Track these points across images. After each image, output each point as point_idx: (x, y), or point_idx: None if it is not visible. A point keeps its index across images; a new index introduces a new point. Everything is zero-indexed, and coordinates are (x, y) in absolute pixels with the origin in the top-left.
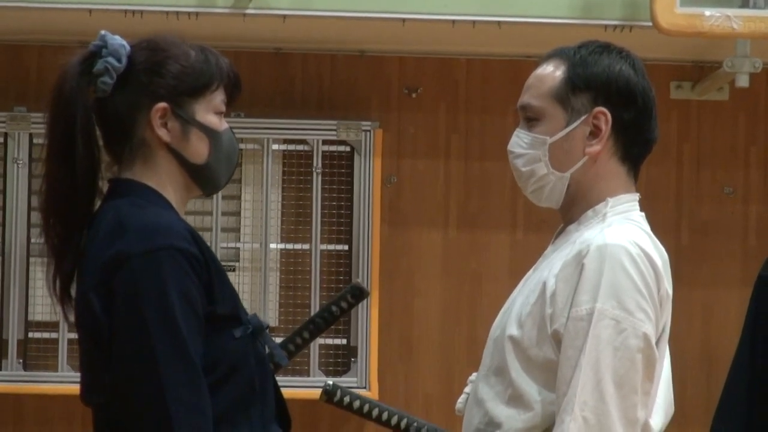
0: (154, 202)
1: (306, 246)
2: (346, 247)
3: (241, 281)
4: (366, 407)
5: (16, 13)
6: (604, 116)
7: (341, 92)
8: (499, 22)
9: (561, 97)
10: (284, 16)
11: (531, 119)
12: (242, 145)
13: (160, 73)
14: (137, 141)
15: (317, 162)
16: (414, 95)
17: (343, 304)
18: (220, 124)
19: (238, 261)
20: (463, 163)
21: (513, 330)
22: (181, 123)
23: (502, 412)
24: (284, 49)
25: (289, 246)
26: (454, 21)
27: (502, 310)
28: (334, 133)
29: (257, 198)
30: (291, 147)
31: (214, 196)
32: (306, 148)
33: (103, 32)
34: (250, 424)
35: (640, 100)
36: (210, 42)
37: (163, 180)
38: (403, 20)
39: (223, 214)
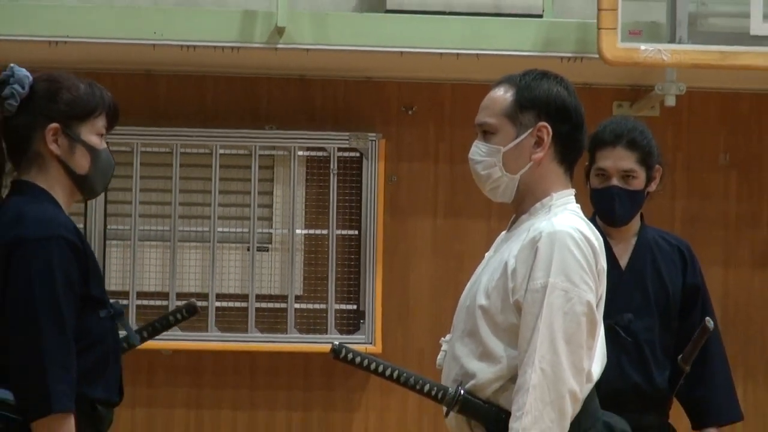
0: (47, 200)
1: (325, 231)
2: (356, 233)
3: (272, 260)
4: (366, 362)
5: (94, 47)
6: (546, 129)
7: (352, 110)
8: (477, 55)
9: (511, 115)
10: (307, 50)
11: (487, 133)
12: (273, 152)
13: (55, 100)
14: (33, 152)
15: (333, 165)
16: (410, 112)
17: (179, 316)
18: (101, 143)
19: (271, 243)
20: (448, 166)
21: (482, 300)
22: (69, 140)
23: (475, 366)
24: (307, 76)
25: (312, 231)
26: (441, 53)
27: (469, 284)
28: (347, 142)
29: (286, 193)
30: (313, 153)
31: (252, 192)
32: (324, 154)
33: (12, 65)
34: (104, 383)
35: (574, 116)
36: (247, 70)
37: (53, 184)
38: (401, 53)
39: (259, 206)
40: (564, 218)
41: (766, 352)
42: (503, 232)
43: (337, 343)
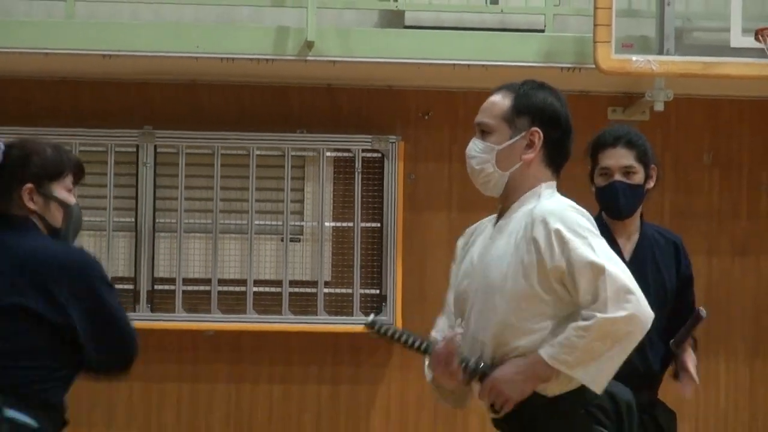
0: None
1: (350, 224)
2: (378, 225)
3: (304, 249)
4: (396, 334)
5: (143, 60)
6: (538, 134)
7: (374, 115)
8: (486, 66)
9: (508, 118)
10: (334, 62)
11: (485, 132)
12: (304, 153)
13: (27, 165)
14: (15, 209)
15: (358, 165)
16: (426, 117)
17: None
18: (70, 198)
19: (302, 235)
20: (461, 165)
21: (498, 281)
22: (44, 198)
23: (511, 342)
24: (334, 85)
25: (339, 224)
26: (454, 65)
27: (469, 270)
28: (369, 144)
29: (316, 190)
30: (339, 154)
31: (285, 189)
32: (350, 155)
33: None
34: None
35: (564, 124)
36: (280, 80)
37: None
38: (418, 64)
39: (292, 201)
40: (557, 200)
41: (744, 333)
42: (491, 226)
43: (371, 317)
